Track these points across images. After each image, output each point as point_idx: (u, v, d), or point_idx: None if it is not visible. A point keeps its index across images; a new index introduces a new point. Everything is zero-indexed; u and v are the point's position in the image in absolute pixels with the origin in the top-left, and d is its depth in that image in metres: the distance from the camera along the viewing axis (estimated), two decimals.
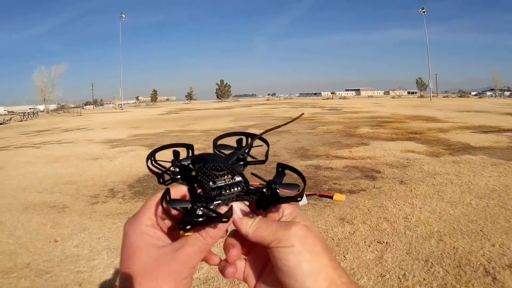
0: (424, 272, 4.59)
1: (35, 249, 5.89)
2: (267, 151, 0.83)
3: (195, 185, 0.72)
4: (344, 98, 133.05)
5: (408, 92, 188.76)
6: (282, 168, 0.77)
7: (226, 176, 0.73)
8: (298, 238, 0.64)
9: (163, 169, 0.76)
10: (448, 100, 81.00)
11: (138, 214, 0.70)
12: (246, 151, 0.81)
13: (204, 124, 29.37)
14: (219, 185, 0.72)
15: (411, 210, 6.72)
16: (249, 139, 0.82)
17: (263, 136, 0.81)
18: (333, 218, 6.55)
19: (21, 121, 57.06)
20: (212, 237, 0.68)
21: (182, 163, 0.76)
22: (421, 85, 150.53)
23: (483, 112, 32.72)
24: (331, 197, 7.62)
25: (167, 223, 0.71)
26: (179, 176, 0.75)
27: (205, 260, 0.74)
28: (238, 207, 0.72)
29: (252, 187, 0.74)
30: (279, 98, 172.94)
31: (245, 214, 0.72)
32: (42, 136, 26.91)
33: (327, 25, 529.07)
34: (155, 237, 0.68)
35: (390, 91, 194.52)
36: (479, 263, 4.77)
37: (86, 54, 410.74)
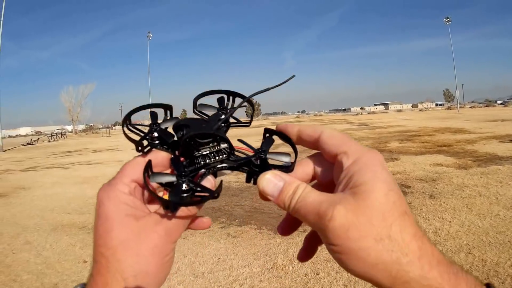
0: None
1: (63, 269, 5.89)
2: (252, 113, 0.79)
3: (176, 153, 0.68)
4: (373, 113, 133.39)
5: (436, 104, 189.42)
6: (269, 133, 0.72)
7: (211, 144, 0.68)
8: (339, 237, 0.53)
9: (141, 134, 0.70)
10: (475, 110, 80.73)
11: (114, 180, 0.64)
12: (224, 111, 0.76)
13: (234, 143, 29.02)
14: (203, 153, 0.67)
15: (440, 224, 6.63)
16: (233, 100, 0.78)
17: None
18: None
19: (49, 141, 58.14)
20: (196, 208, 0.64)
21: (161, 127, 0.70)
22: (448, 96, 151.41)
23: (509, 120, 32.56)
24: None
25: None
26: (158, 142, 0.69)
27: (191, 227, 0.69)
28: (272, 178, 0.64)
29: (238, 154, 0.71)
30: (309, 115, 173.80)
31: (280, 187, 0.62)
32: (70, 156, 27.34)
33: (353, 37, 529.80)
34: (133, 207, 0.62)
35: (418, 104, 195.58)
36: (506, 274, 4.72)
37: (114, 73, 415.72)
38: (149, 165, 0.63)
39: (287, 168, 0.68)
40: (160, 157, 0.66)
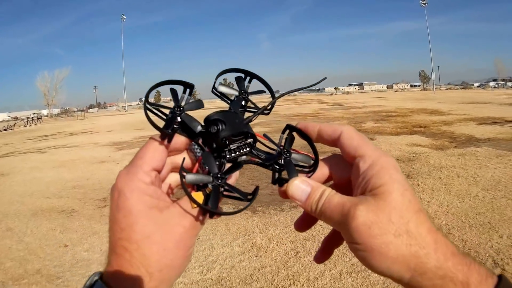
0: None
1: (45, 254, 5.91)
2: (273, 101, 0.77)
3: (206, 148, 0.68)
4: (348, 93, 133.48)
5: (411, 85, 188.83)
6: (290, 129, 0.74)
7: (240, 139, 0.69)
8: (361, 235, 0.57)
9: (163, 117, 0.67)
10: (451, 92, 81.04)
11: (133, 167, 0.63)
12: (245, 96, 0.76)
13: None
14: (232, 147, 0.68)
15: None
16: (249, 80, 0.78)
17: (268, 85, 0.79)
18: None
19: (25, 126, 57.26)
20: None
21: (185, 112, 0.67)
22: (424, 78, 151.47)
23: (487, 103, 32.72)
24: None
25: (163, 175, 0.67)
26: (181, 129, 0.67)
27: None
28: (300, 183, 0.66)
29: (258, 149, 0.72)
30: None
31: (307, 192, 0.65)
32: (47, 141, 27.09)
33: (328, 20, 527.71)
34: (156, 198, 0.61)
35: (393, 85, 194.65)
36: (487, 254, 4.79)
37: (89, 57, 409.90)
38: (182, 164, 0.62)
39: (309, 169, 0.71)
40: (179, 142, 0.66)
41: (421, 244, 0.55)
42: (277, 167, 0.70)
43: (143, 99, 0.68)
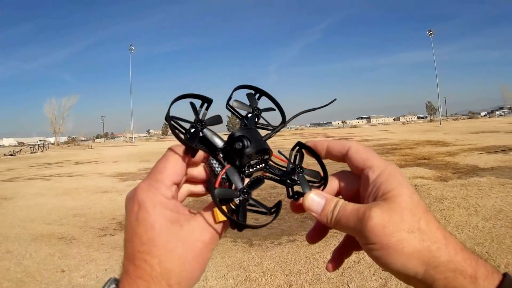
0: None
1: (42, 278, 5.94)
2: (283, 123, 0.80)
3: (227, 164, 0.69)
4: (355, 127, 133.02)
5: (418, 117, 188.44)
6: (300, 147, 0.78)
7: (259, 155, 0.71)
8: (377, 234, 0.62)
9: (184, 131, 0.68)
10: (457, 122, 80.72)
11: (153, 181, 0.64)
12: (259, 113, 0.78)
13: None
14: (251, 163, 0.70)
15: None
16: (259, 97, 0.80)
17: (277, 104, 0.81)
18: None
19: (31, 152, 57.32)
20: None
21: (206, 126, 0.69)
22: (431, 109, 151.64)
23: (492, 132, 32.85)
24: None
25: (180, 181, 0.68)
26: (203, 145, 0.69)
27: None
28: (315, 196, 0.71)
29: (272, 164, 0.75)
30: (290, 129, 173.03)
31: (322, 203, 0.71)
32: (52, 168, 27.07)
33: (335, 51, 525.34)
34: (176, 212, 0.63)
35: (400, 117, 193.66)
36: None
37: (97, 86, 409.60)
38: (212, 180, 0.64)
39: (320, 183, 0.76)
40: (199, 156, 0.68)
41: (432, 239, 0.61)
42: (291, 182, 0.73)
43: (165, 112, 0.67)
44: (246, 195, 0.65)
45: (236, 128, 0.73)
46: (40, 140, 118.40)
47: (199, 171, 0.71)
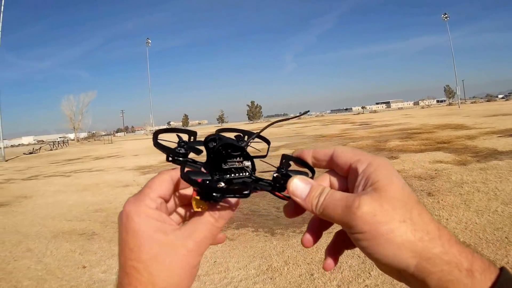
0: None
1: (63, 275, 5.95)
2: (268, 148, 0.83)
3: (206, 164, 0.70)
4: (375, 112, 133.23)
5: (437, 101, 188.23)
6: (286, 159, 0.76)
7: (237, 159, 0.71)
8: (366, 223, 0.59)
9: (170, 149, 0.71)
10: (476, 105, 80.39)
11: (140, 195, 0.66)
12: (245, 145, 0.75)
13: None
14: (230, 166, 0.70)
15: None
16: (246, 136, 0.79)
17: (262, 134, 0.79)
18: None
19: (51, 150, 57.91)
20: (224, 219, 0.67)
21: (190, 145, 0.72)
22: (449, 93, 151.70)
23: (510, 114, 32.53)
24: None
25: (170, 205, 0.71)
26: (183, 158, 0.70)
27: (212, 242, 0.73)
28: (300, 181, 0.69)
29: (258, 177, 0.74)
30: (311, 116, 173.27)
31: (307, 189, 0.68)
32: (72, 164, 27.43)
33: (352, 38, 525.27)
34: (161, 221, 0.64)
35: (419, 101, 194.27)
36: None
37: (115, 81, 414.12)
38: (184, 166, 0.66)
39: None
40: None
41: (425, 230, 0.58)
42: (278, 185, 0.73)
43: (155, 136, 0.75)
44: (217, 176, 0.67)
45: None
46: (60, 137, 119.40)
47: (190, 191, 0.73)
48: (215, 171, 0.69)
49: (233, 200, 0.67)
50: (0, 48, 47.48)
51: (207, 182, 0.65)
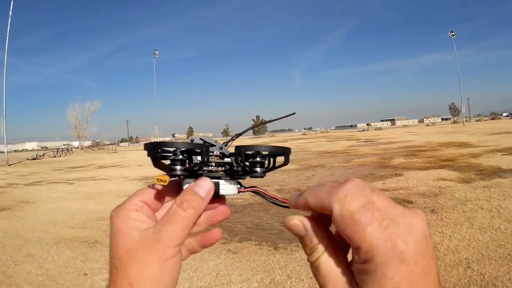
0: None
1: (63, 281, 5.93)
2: (287, 155, 0.75)
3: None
4: (380, 129, 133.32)
5: (442, 119, 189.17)
6: (239, 150, 0.72)
7: (216, 151, 0.75)
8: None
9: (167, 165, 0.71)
10: (480, 123, 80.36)
11: (124, 201, 0.71)
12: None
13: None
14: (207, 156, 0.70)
15: (440, 239, 6.59)
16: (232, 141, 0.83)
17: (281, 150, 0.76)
18: None
19: (55, 157, 58.08)
20: (194, 208, 0.66)
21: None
22: (454, 111, 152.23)
23: None
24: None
25: (156, 207, 0.73)
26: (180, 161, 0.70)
27: (203, 243, 0.75)
28: (298, 222, 0.62)
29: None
30: (315, 132, 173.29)
31: (302, 233, 0.61)
32: (75, 172, 27.40)
33: (359, 55, 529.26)
34: (138, 220, 0.67)
35: (424, 119, 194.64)
36: (504, 287, 4.71)
37: (121, 90, 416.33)
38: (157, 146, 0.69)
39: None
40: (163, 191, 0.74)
41: None
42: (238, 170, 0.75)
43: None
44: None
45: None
46: (64, 144, 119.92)
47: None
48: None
49: (202, 189, 0.68)
50: (7, 53, 47.34)
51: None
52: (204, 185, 0.69)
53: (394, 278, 0.47)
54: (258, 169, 0.74)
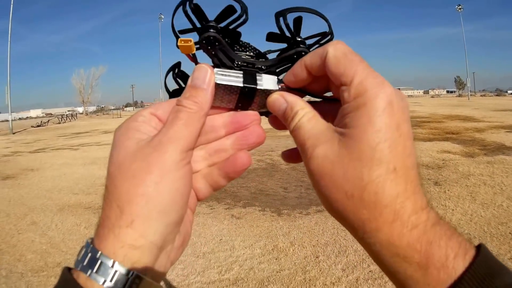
0: None
1: (67, 248, 5.96)
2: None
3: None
4: None
5: (447, 91, 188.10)
6: (282, 15, 0.62)
7: (251, 52, 0.64)
8: (316, 175, 0.52)
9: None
10: (485, 99, 79.90)
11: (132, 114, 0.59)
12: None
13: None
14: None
15: (443, 212, 6.59)
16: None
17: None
18: None
19: (59, 123, 58.02)
20: (195, 102, 0.55)
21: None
22: (459, 84, 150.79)
23: None
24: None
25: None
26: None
27: (225, 170, 0.61)
28: (279, 96, 0.59)
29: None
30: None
31: (282, 107, 0.58)
32: (80, 138, 27.40)
33: (365, 24, 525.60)
34: (141, 132, 0.55)
35: (429, 90, 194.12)
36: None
37: (126, 55, 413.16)
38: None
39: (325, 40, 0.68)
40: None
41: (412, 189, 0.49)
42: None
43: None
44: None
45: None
46: (68, 111, 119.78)
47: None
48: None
49: (197, 79, 0.57)
50: (12, 22, 47.16)
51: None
52: (197, 73, 0.57)
53: (384, 111, 0.50)
54: (302, 46, 0.63)
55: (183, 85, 0.65)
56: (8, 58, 46.05)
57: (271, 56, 0.66)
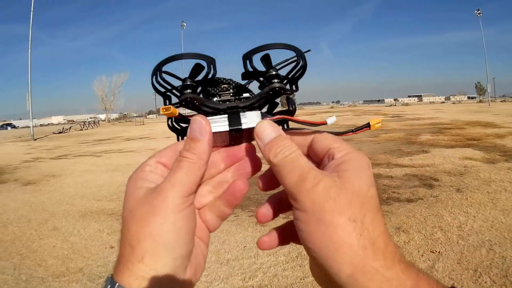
0: (472, 282, 4.53)
1: (89, 254, 5.99)
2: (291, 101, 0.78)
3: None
4: (407, 104, 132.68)
5: (468, 97, 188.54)
6: (247, 58, 0.66)
7: (230, 90, 0.69)
8: (314, 204, 0.54)
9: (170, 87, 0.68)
10: (505, 104, 79.48)
11: (141, 164, 0.66)
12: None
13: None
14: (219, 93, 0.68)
15: (465, 219, 6.57)
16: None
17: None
18: (389, 227, 6.44)
19: (81, 130, 58.54)
20: (195, 154, 0.61)
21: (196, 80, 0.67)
22: (480, 90, 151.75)
23: None
24: (368, 125, 7.49)
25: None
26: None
27: (227, 199, 0.67)
28: (269, 125, 0.63)
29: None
30: (343, 105, 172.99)
31: (274, 135, 0.62)
32: (102, 145, 27.59)
33: (388, 30, 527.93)
34: (148, 181, 0.61)
35: (450, 96, 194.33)
36: None
37: (149, 62, 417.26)
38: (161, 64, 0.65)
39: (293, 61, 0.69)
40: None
41: (372, 239, 0.52)
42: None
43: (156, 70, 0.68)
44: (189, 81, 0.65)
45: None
46: (90, 117, 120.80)
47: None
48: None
49: (194, 131, 0.62)
50: (32, 27, 47.61)
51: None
52: (193, 126, 0.62)
53: (368, 171, 0.59)
54: (275, 81, 0.66)
55: (169, 87, 0.68)
56: (29, 64, 46.52)
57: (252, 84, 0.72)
